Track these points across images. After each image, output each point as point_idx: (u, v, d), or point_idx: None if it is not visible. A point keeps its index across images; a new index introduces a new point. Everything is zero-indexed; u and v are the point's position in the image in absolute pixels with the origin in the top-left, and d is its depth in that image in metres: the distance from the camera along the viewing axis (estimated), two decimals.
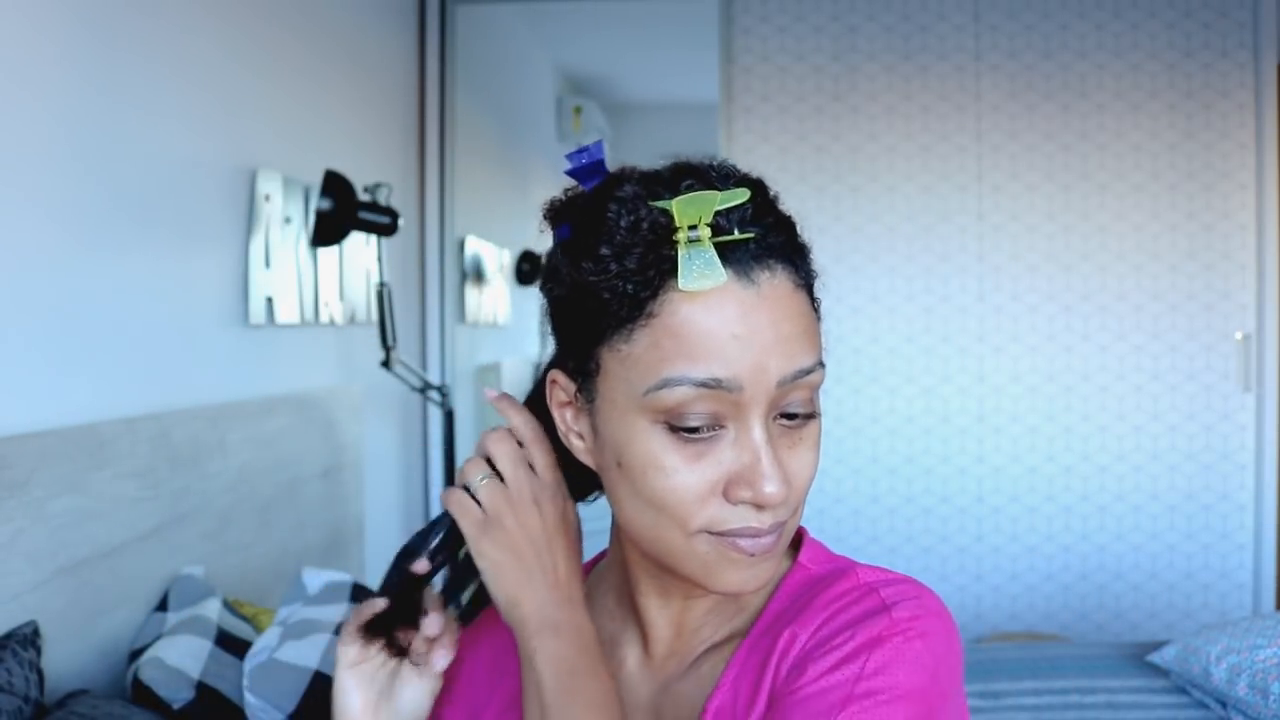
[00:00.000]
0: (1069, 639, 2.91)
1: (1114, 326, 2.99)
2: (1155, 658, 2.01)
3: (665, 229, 0.62)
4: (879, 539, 3.04)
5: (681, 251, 0.61)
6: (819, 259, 0.68)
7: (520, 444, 0.72)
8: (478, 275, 3.26)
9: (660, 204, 0.62)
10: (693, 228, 0.61)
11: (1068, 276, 2.99)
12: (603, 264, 0.63)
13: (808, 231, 0.68)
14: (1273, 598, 2.97)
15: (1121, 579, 3.01)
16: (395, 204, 2.49)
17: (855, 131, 3.01)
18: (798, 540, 0.75)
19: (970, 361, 3.01)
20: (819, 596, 0.68)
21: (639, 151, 0.73)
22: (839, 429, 3.03)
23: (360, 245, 2.49)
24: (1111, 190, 2.98)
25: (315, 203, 2.19)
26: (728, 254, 0.61)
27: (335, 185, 2.17)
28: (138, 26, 1.65)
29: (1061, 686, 1.98)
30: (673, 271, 0.61)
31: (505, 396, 0.75)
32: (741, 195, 0.62)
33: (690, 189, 0.62)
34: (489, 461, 0.73)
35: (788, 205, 0.67)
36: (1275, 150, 2.92)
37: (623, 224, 0.63)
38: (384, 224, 2.25)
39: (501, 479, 0.71)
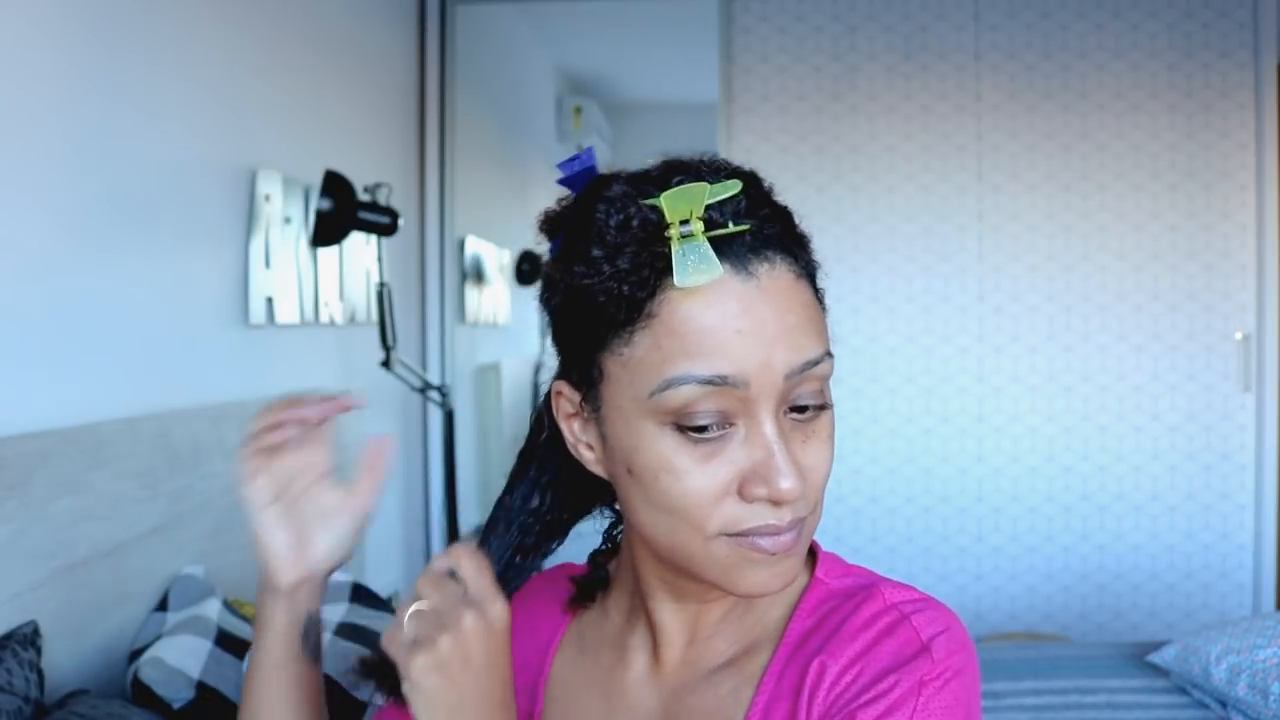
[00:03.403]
0: (1069, 639, 2.91)
1: (1114, 326, 2.99)
2: (1155, 658, 2.00)
3: (656, 226, 0.60)
4: (879, 539, 3.04)
5: (675, 247, 0.59)
6: (818, 259, 0.68)
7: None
8: (478, 275, 3.26)
9: (650, 201, 0.61)
10: (685, 223, 0.59)
11: (1068, 276, 2.99)
12: (595, 266, 0.62)
13: (807, 231, 0.67)
14: (1273, 598, 2.97)
15: (1121, 579, 3.00)
16: (395, 204, 2.49)
17: (855, 131, 3.01)
18: (812, 553, 0.73)
19: (970, 361, 3.01)
20: (847, 621, 0.66)
21: (639, 151, 0.72)
22: (838, 429, 3.02)
23: (360, 245, 2.48)
24: (1111, 190, 2.98)
25: (315, 203, 2.18)
26: (724, 248, 0.60)
27: (335, 185, 2.17)
28: (138, 27, 1.65)
29: (1061, 686, 1.98)
30: (668, 269, 0.59)
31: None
32: (733, 187, 0.61)
33: (680, 184, 0.60)
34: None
35: (786, 204, 0.67)
36: (1275, 150, 2.92)
37: (612, 223, 0.61)
38: (384, 224, 2.25)
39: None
